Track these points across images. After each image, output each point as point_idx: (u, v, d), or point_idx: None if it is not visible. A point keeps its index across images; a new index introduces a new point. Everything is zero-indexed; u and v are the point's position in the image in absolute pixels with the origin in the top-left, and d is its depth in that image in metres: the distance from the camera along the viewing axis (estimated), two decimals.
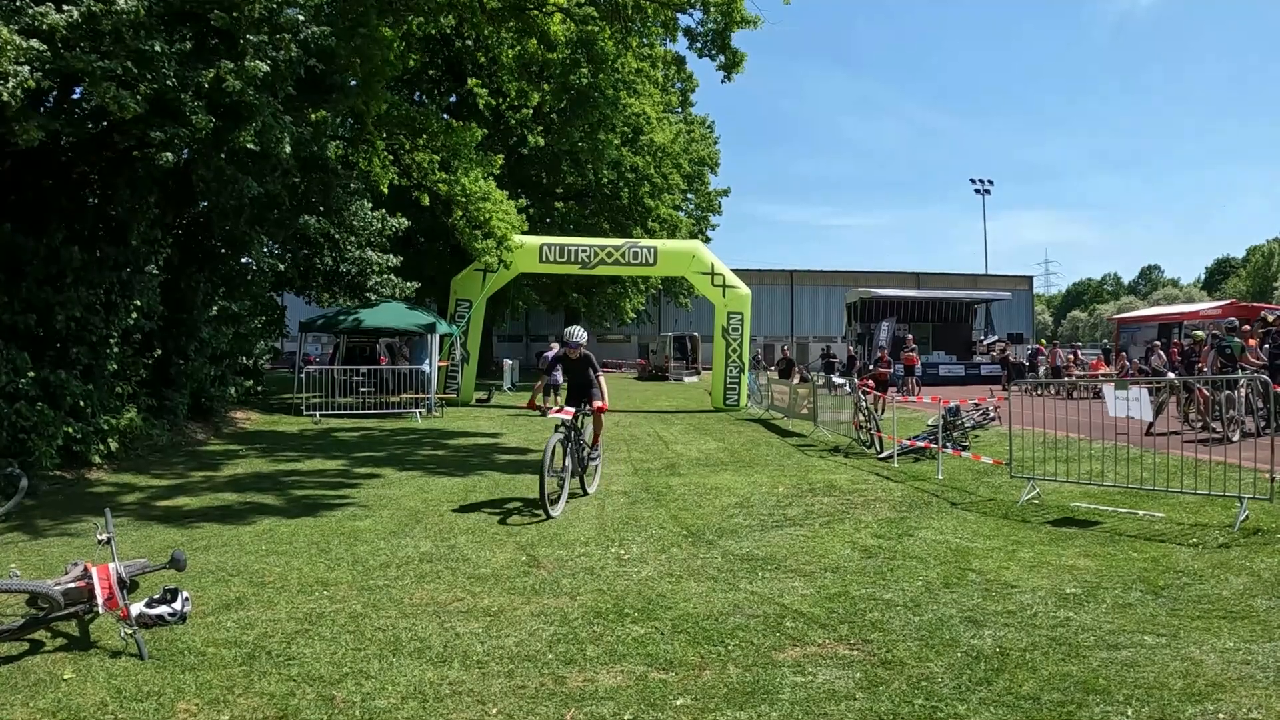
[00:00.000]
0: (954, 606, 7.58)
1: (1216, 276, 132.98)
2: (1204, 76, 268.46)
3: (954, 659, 6.35)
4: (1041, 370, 41.37)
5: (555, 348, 28.63)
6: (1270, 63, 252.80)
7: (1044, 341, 54.91)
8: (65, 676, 6.02)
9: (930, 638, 6.80)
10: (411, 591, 8.05)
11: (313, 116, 18.34)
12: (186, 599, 6.96)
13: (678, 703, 5.63)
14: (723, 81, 24.55)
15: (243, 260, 24.59)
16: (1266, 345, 21.93)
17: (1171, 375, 24.58)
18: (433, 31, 24.56)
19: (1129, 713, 5.35)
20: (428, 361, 28.20)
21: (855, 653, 6.51)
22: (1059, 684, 5.83)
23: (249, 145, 15.21)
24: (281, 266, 27.26)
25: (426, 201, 24.97)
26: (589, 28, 23.19)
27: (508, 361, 44.60)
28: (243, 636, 6.72)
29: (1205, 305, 54.58)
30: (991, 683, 5.89)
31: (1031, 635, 6.80)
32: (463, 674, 6.06)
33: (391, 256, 30.19)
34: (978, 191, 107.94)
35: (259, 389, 28.98)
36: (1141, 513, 11.38)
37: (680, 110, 56.74)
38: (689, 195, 60.96)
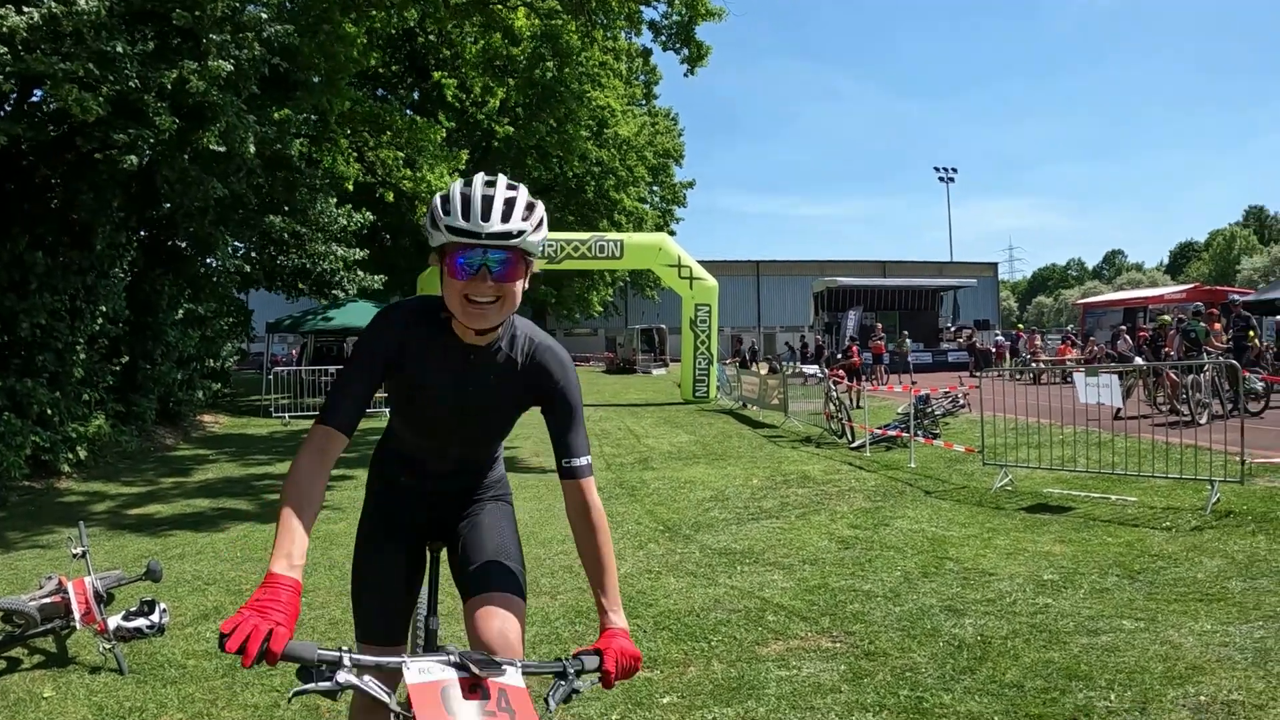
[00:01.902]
0: (934, 596, 7.61)
1: (1180, 260, 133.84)
2: (1166, 63, 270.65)
3: (936, 648, 6.36)
4: (1025, 355, 41.63)
5: None
6: (1230, 48, 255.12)
7: (1021, 326, 55.23)
8: (45, 695, 5.95)
9: (912, 628, 6.81)
10: None
11: (276, 115, 18.19)
12: (164, 610, 6.88)
13: (664, 701, 5.63)
14: (686, 75, 24.52)
15: (208, 261, 24.43)
16: (1230, 329, 22.15)
17: (1139, 360, 24.75)
18: (396, 28, 24.45)
19: (1111, 697, 5.36)
20: None
21: (838, 645, 6.52)
22: (1041, 671, 5.85)
23: (213, 146, 15.08)
24: (247, 267, 27.10)
25: (391, 198, 24.86)
26: (553, 22, 23.14)
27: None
28: None
29: (1170, 289, 55.05)
30: (975, 671, 5.91)
31: (1012, 623, 6.82)
32: None
33: (358, 251, 30.02)
34: (942, 179, 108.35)
35: (227, 391, 28.82)
36: (1114, 497, 11.46)
37: (644, 103, 56.66)
38: (654, 188, 60.91)
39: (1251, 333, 23.20)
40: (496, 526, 3.77)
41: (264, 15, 15.31)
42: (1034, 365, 34.84)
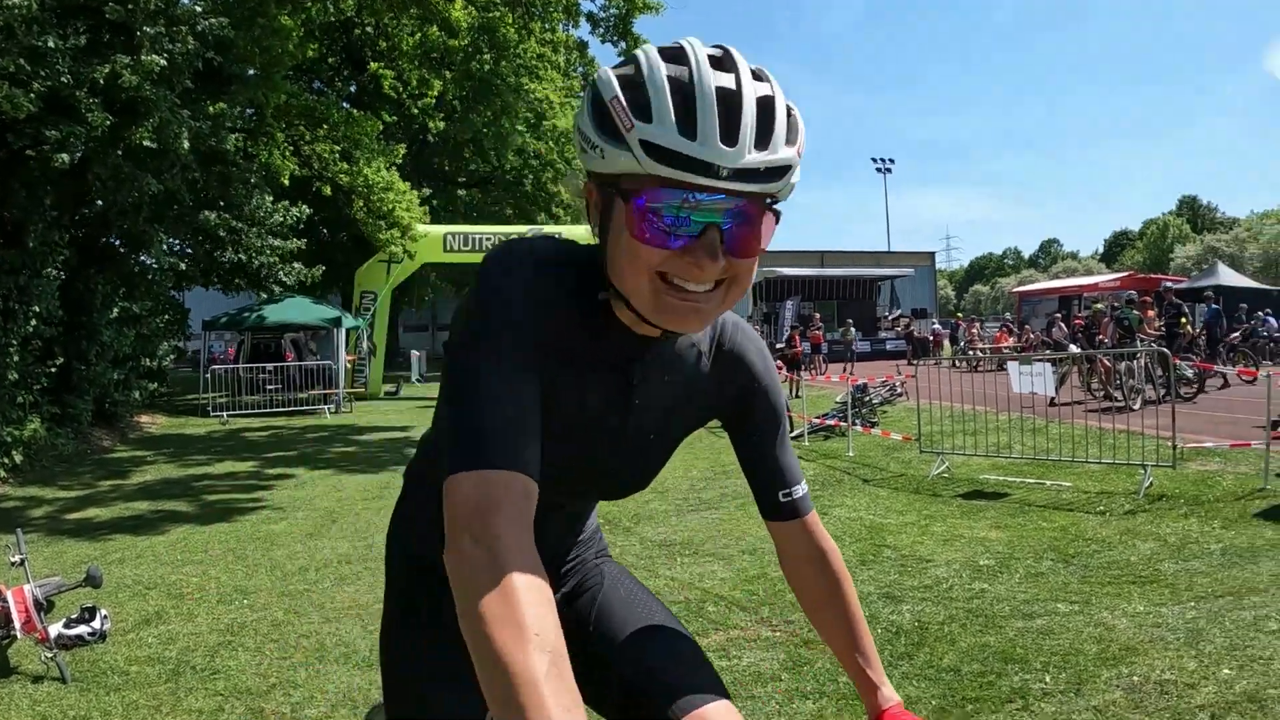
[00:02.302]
0: (871, 583, 7.71)
1: (1114, 249, 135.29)
2: (1102, 55, 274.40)
3: (874, 635, 6.33)
4: (963, 343, 42.04)
5: None
6: (1164, 41, 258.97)
7: (961, 315, 55.75)
8: None
9: None
10: (333, 595, 7.98)
11: (211, 109, 18.04)
12: (105, 617, 6.85)
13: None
14: None
15: (143, 259, 24.17)
16: (1163, 317, 22.54)
17: (1074, 348, 25.08)
18: (334, 16, 24.30)
19: (1047, 679, 5.48)
20: (358, 353, 27.90)
21: (778, 634, 6.60)
22: (978, 655, 5.95)
23: (146, 142, 14.96)
24: (183, 264, 26.81)
25: (328, 192, 24.71)
26: (491, 14, 23.07)
27: (415, 353, 44.19)
28: (165, 652, 6.63)
29: (1104, 278, 55.80)
30: (912, 657, 6.01)
31: (949, 608, 6.93)
32: None
33: (294, 240, 29.74)
34: (879, 170, 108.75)
35: (165, 391, 28.53)
36: (1049, 483, 11.65)
37: (582, 94, 56.52)
38: None
39: (1184, 320, 23.67)
40: (636, 600, 2.41)
41: (198, 9, 15.22)
42: (971, 353, 35.23)
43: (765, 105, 1.62)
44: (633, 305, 1.72)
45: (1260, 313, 31.77)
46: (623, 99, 1.58)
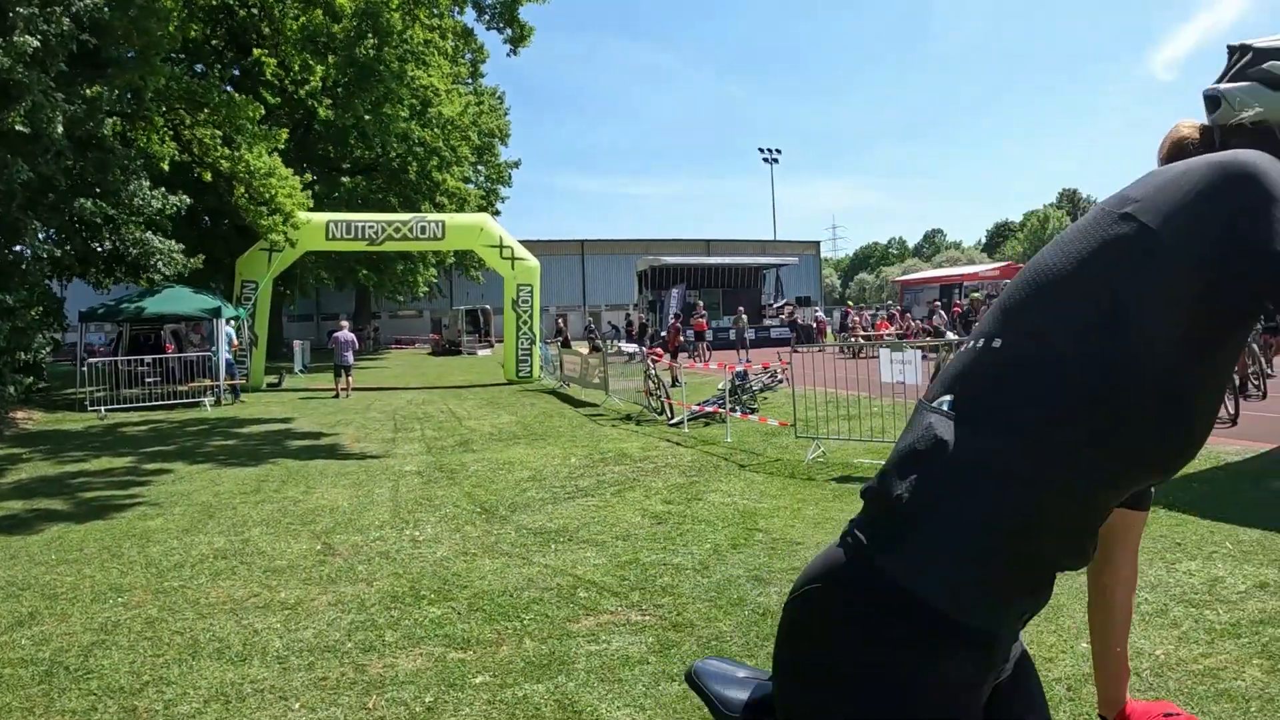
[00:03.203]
0: (741, 567, 7.85)
1: (996, 239, 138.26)
2: (988, 49, 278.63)
3: (741, 617, 6.59)
4: (846, 330, 42.55)
5: (345, 327, 28.31)
6: (1049, 38, 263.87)
7: (851, 304, 56.39)
8: None
9: (719, 598, 7.04)
10: (207, 590, 7.91)
11: (87, 93, 17.72)
12: None
13: (477, 680, 5.72)
14: (509, 55, 24.67)
15: (15, 249, 23.64)
16: None
17: (951, 334, 25.55)
18: (215, 0, 23.96)
19: None
20: (229, 347, 27.49)
21: (647, 618, 6.71)
22: None
23: (19, 126, 14.68)
24: (58, 253, 26.23)
25: (209, 178, 24.40)
26: None
27: (298, 343, 43.69)
28: (38, 653, 6.54)
29: (984, 267, 56.85)
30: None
31: None
32: (263, 671, 6.01)
33: (174, 243, 29.23)
34: (766, 160, 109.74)
35: (42, 385, 27.88)
36: None
37: (471, 82, 56.20)
38: (479, 167, 60.69)
39: None
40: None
41: None
42: (852, 340, 35.70)
43: None
44: None
45: None
46: None
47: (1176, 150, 1.94)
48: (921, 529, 1.67)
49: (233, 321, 28.47)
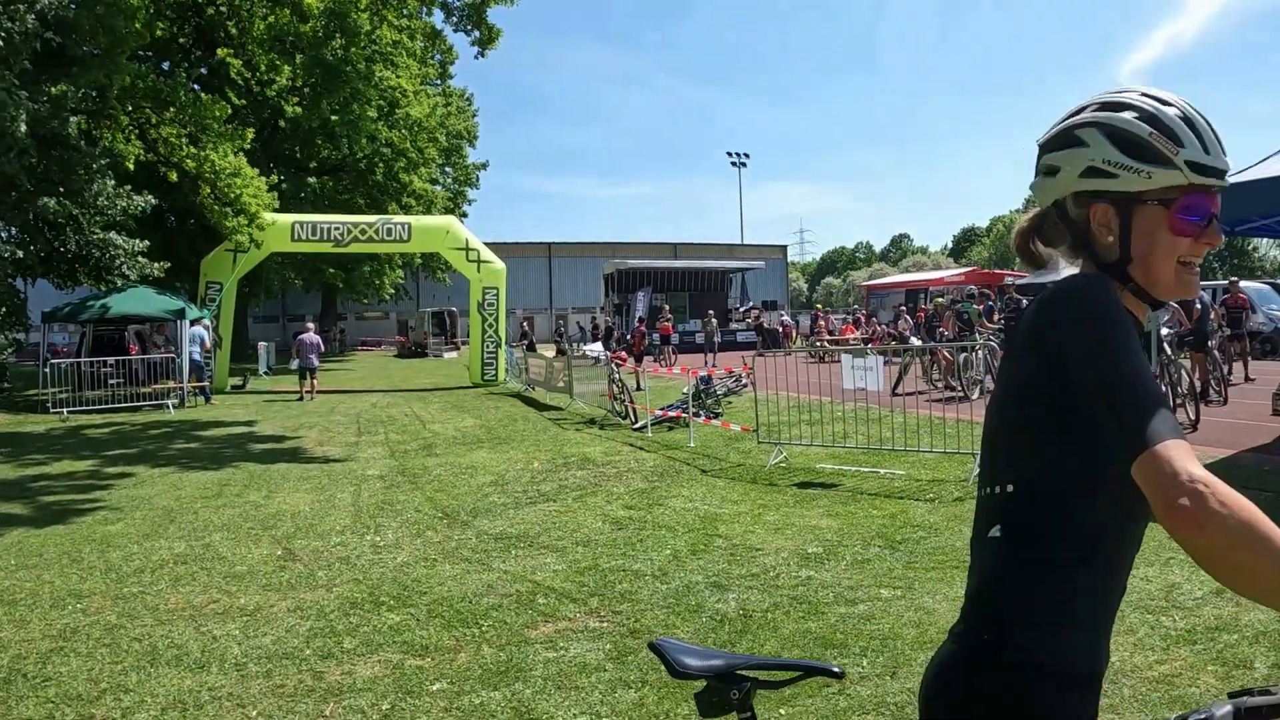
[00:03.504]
0: (700, 573, 7.83)
1: (962, 244, 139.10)
2: (954, 56, 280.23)
3: (699, 624, 6.58)
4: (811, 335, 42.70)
5: (310, 329, 28.16)
6: (1014, 44, 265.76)
7: (821, 307, 56.53)
8: None
9: (677, 605, 7.02)
10: (167, 596, 7.83)
11: (52, 91, 17.56)
12: None
13: (434, 688, 5.68)
14: (477, 57, 24.62)
15: None
16: (1003, 311, 23.22)
17: (915, 340, 25.71)
18: None
19: (864, 664, 5.66)
20: (198, 348, 27.26)
21: (605, 624, 6.68)
22: (799, 641, 6.11)
23: None
24: (20, 253, 25.98)
25: (175, 178, 24.22)
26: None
27: (263, 344, 43.39)
28: None
29: (950, 272, 57.11)
30: (735, 644, 6.13)
31: (774, 596, 7.08)
32: (221, 678, 5.96)
33: (138, 242, 28.99)
34: (734, 164, 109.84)
35: (5, 386, 27.62)
36: (883, 471, 11.97)
37: (439, 83, 56.06)
38: (446, 169, 60.58)
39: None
40: None
41: None
42: (818, 345, 35.78)
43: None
44: (1153, 292, 2.07)
45: None
46: (1157, 133, 2.00)
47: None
48: None
49: (205, 323, 28.28)
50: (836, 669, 2.37)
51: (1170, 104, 2.03)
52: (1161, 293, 2.07)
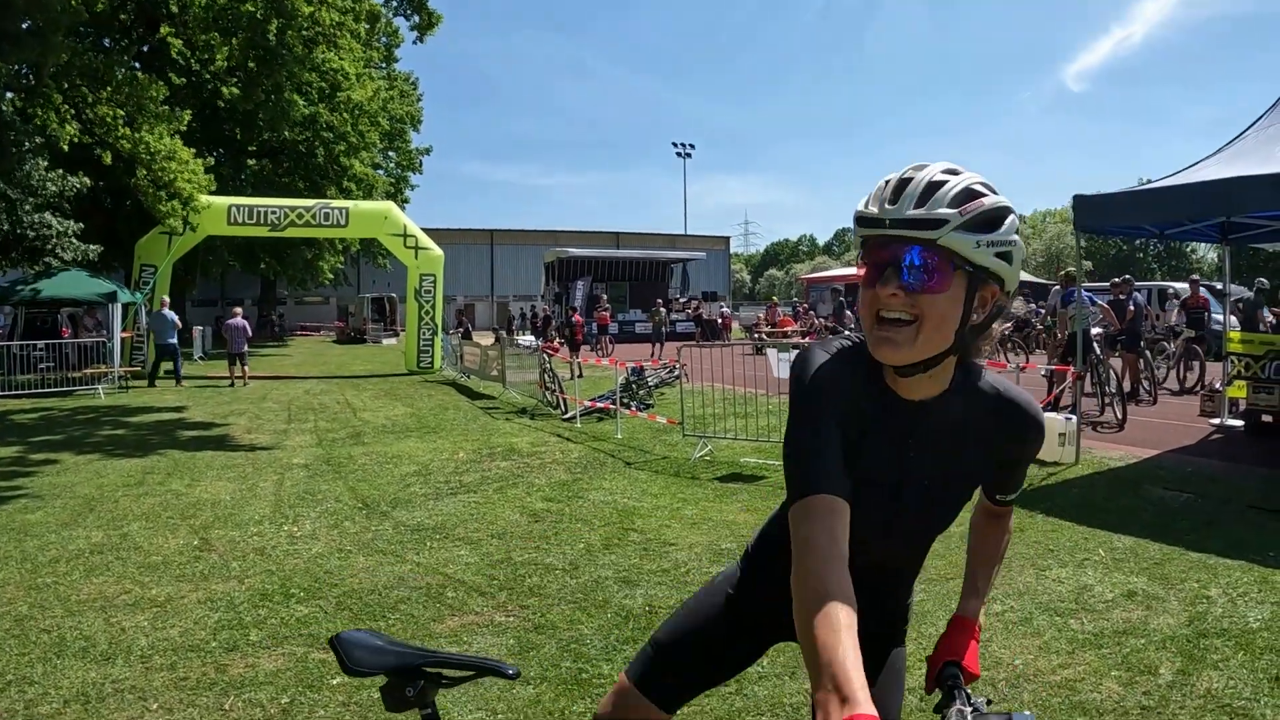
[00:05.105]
0: (611, 568, 7.86)
1: None
2: (902, 53, 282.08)
3: (604, 620, 6.59)
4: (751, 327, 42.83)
5: (239, 314, 27.93)
6: (961, 44, 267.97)
7: (775, 299, 56.75)
8: None
9: (584, 600, 7.03)
10: (80, 587, 7.73)
11: None
12: None
13: (334, 682, 5.66)
14: (415, 42, 24.52)
15: None
16: None
17: (852, 332, 25.89)
18: None
19: (764, 663, 5.61)
20: (135, 329, 26.95)
21: (511, 619, 6.68)
22: None
23: None
24: None
25: (109, 160, 23.95)
26: None
27: (198, 328, 42.97)
28: None
29: None
30: (638, 641, 6.11)
31: (681, 592, 7.09)
32: (126, 671, 5.90)
33: (73, 223, 28.63)
34: (679, 155, 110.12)
35: None
36: None
37: (384, 66, 55.65)
38: (389, 153, 60.22)
39: None
40: (884, 697, 2.65)
41: None
42: (756, 336, 35.91)
43: (936, 184, 2.07)
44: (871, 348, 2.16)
45: (1037, 305, 33.12)
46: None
47: None
48: None
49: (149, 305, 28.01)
50: (511, 670, 2.49)
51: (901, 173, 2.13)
52: (870, 348, 2.17)
